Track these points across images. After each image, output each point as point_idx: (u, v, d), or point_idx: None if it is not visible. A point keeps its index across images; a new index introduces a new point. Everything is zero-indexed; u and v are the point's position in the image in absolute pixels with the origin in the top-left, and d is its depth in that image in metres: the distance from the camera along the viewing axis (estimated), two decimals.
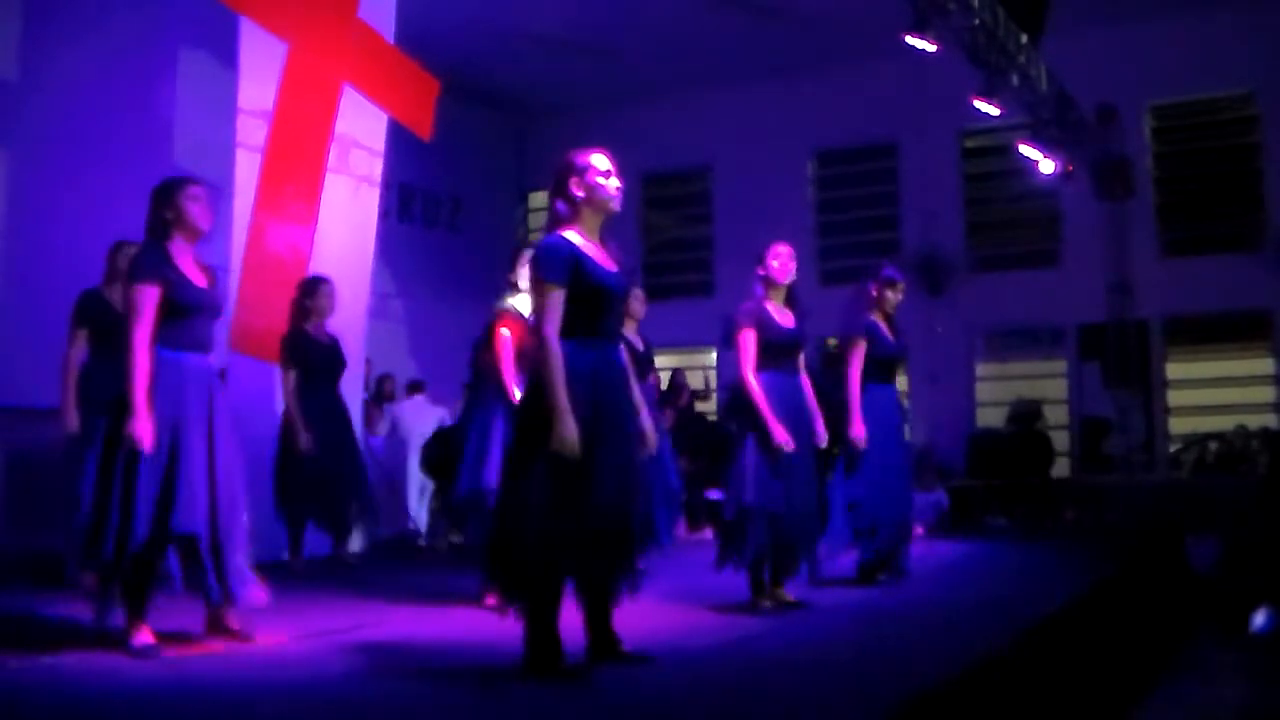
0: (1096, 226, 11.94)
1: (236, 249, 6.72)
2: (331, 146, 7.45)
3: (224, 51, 7.26)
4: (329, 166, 7.47)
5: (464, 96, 12.84)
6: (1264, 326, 12.00)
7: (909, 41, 8.67)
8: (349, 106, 7.48)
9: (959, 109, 10.18)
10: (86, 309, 5.22)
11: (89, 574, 4.89)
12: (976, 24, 8.95)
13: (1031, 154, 11.09)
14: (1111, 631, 5.24)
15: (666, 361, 12.08)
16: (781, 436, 4.53)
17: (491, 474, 4.54)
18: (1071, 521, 10.98)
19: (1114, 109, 11.90)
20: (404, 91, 8.04)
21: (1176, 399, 12.31)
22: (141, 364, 3.57)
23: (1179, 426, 12.28)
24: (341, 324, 7.26)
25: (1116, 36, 11.72)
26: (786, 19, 11.78)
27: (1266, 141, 11.93)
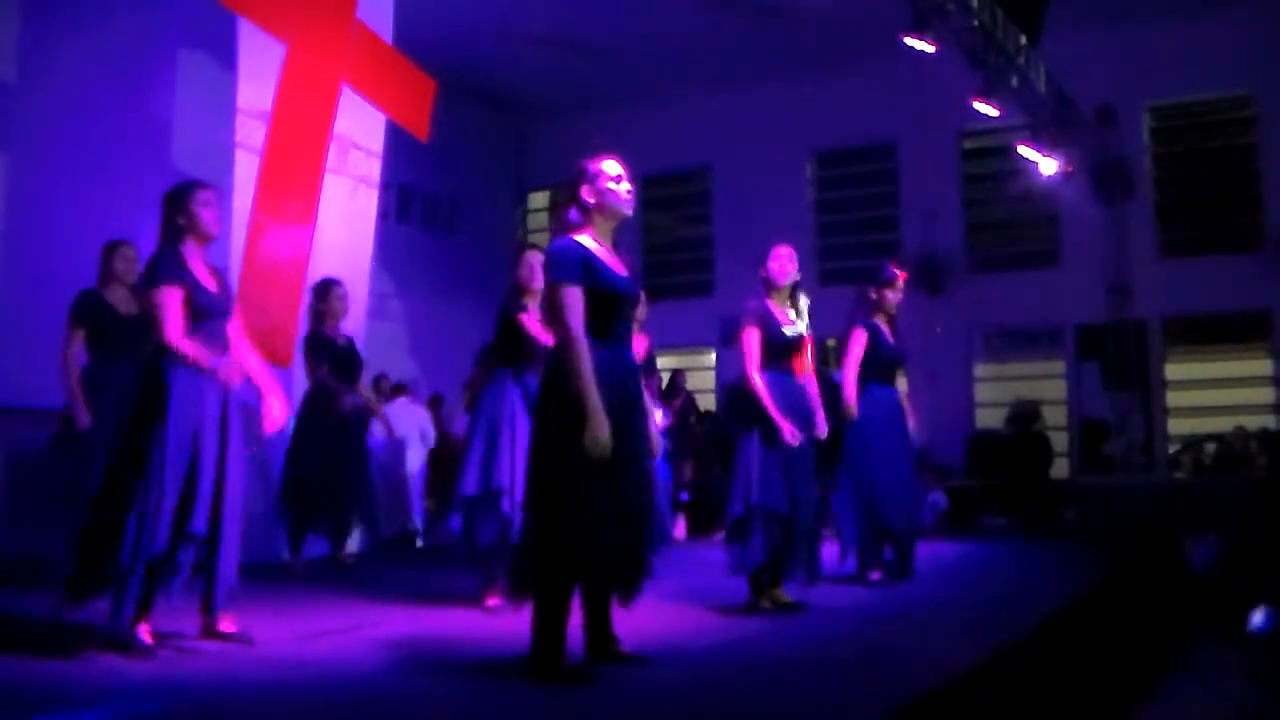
0: (1095, 227, 11.94)
1: (235, 250, 6.72)
2: (330, 147, 7.45)
3: (223, 52, 7.26)
4: (328, 167, 7.47)
5: (463, 97, 12.85)
6: (1263, 327, 12.00)
7: (908, 42, 8.68)
8: (348, 107, 7.49)
9: (958, 110, 10.19)
10: (84, 309, 5.22)
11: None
12: (975, 25, 8.96)
13: (1031, 155, 11.09)
14: (1111, 632, 5.24)
15: (666, 362, 12.09)
16: (788, 431, 4.54)
17: (503, 475, 4.55)
18: (1070, 522, 10.98)
19: (1113, 110, 11.90)
20: (402, 92, 8.05)
21: (1175, 400, 12.32)
22: (197, 353, 3.62)
23: (1178, 427, 12.29)
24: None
25: (1115, 37, 11.73)
26: (786, 19, 11.78)
27: (1265, 142, 11.94)
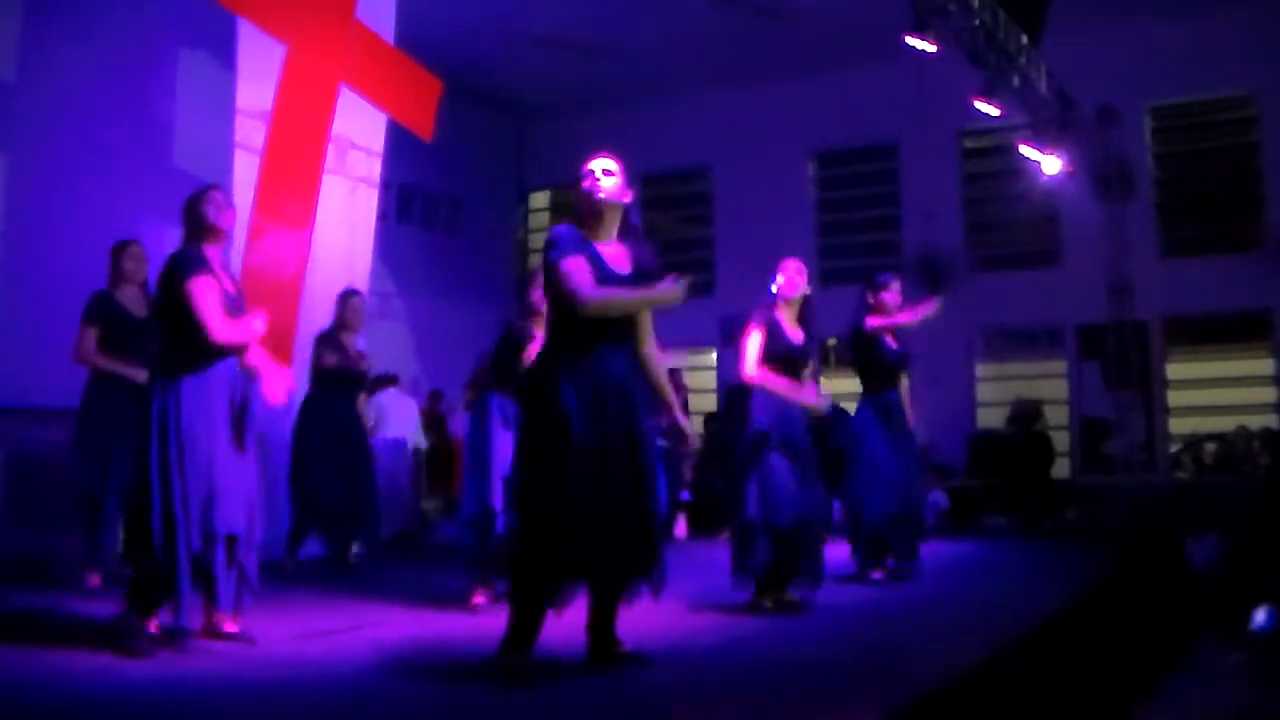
0: (1096, 227, 11.93)
1: (235, 250, 6.73)
2: (330, 148, 7.46)
3: (223, 53, 7.26)
4: (328, 167, 7.47)
5: (464, 97, 12.84)
6: (1264, 327, 11.99)
7: (909, 42, 8.67)
8: (348, 108, 7.49)
9: (959, 109, 10.18)
10: (97, 309, 5.24)
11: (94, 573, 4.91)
12: (976, 24, 8.95)
13: (1032, 154, 11.09)
14: (1111, 632, 5.24)
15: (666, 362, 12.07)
16: (810, 396, 4.64)
17: (496, 496, 4.56)
18: (1071, 522, 10.98)
19: (1114, 109, 11.89)
20: (405, 92, 8.04)
21: (1176, 399, 12.31)
22: (248, 331, 3.78)
23: (1179, 427, 12.28)
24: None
25: (1116, 37, 11.72)
26: (786, 19, 11.78)
27: (1266, 142, 11.93)
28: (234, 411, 3.76)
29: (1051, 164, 11.14)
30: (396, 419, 8.89)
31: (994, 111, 9.89)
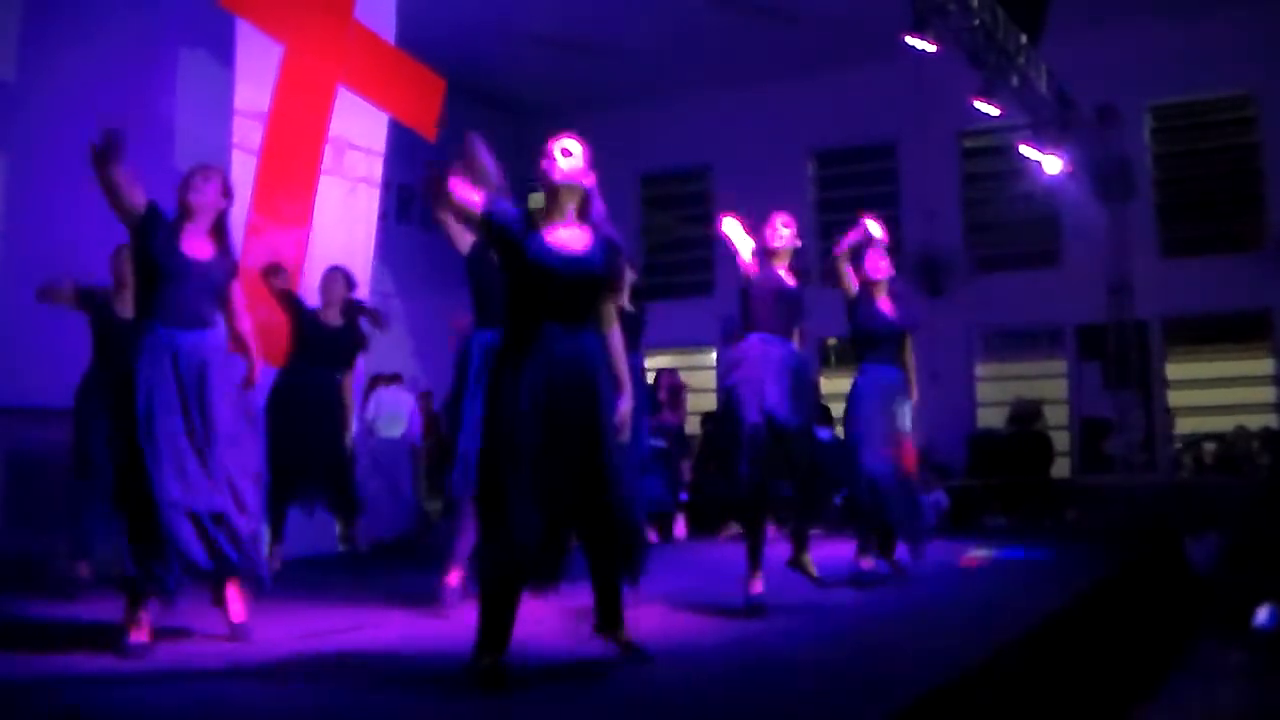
0: (1096, 227, 11.93)
1: (233, 249, 6.72)
2: (329, 148, 7.45)
3: (223, 53, 7.26)
4: (327, 168, 7.48)
5: (464, 96, 12.81)
6: (1264, 327, 11.99)
7: (909, 42, 8.67)
8: (348, 108, 7.48)
9: (959, 109, 10.18)
10: (94, 306, 5.24)
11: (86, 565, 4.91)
12: (976, 24, 8.95)
13: (1032, 154, 11.09)
14: (1112, 632, 5.24)
15: (666, 362, 12.08)
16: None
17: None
18: (1071, 522, 10.97)
19: (1114, 109, 11.89)
20: (406, 91, 8.03)
21: (1176, 399, 12.31)
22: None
23: (1179, 427, 12.28)
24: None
25: (1116, 37, 11.71)
26: (786, 19, 11.77)
27: (1266, 142, 11.93)
28: (184, 385, 3.72)
29: (1051, 164, 11.14)
30: (399, 416, 8.89)
31: (994, 111, 9.89)
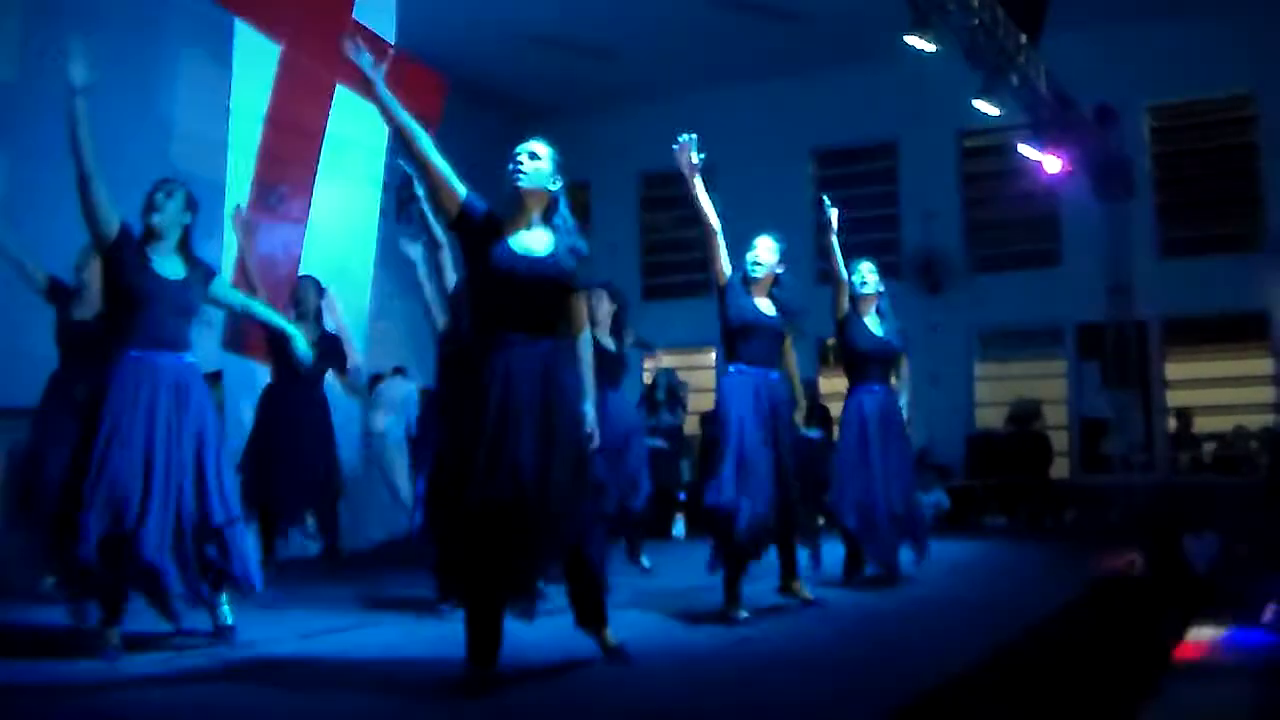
0: (1096, 227, 11.92)
1: (228, 249, 6.74)
2: (331, 148, 7.46)
3: (223, 52, 7.26)
4: (329, 168, 7.48)
5: (464, 96, 12.82)
6: (1263, 326, 11.98)
7: (908, 41, 8.67)
8: (349, 108, 7.48)
9: (958, 109, 10.17)
10: (58, 301, 5.27)
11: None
12: (976, 24, 8.94)
13: (1032, 154, 11.09)
14: (1111, 632, 5.24)
15: (666, 362, 12.09)
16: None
17: None
18: (1071, 522, 10.98)
19: (1113, 109, 11.88)
20: (406, 91, 8.02)
21: (1176, 399, 12.30)
22: None
23: (1179, 426, 12.28)
24: (344, 325, 7.28)
25: (1116, 37, 11.70)
26: (786, 19, 11.77)
27: (1265, 142, 11.91)
28: (157, 410, 3.71)
29: (1051, 164, 11.14)
30: (393, 392, 8.90)
31: (993, 111, 9.89)
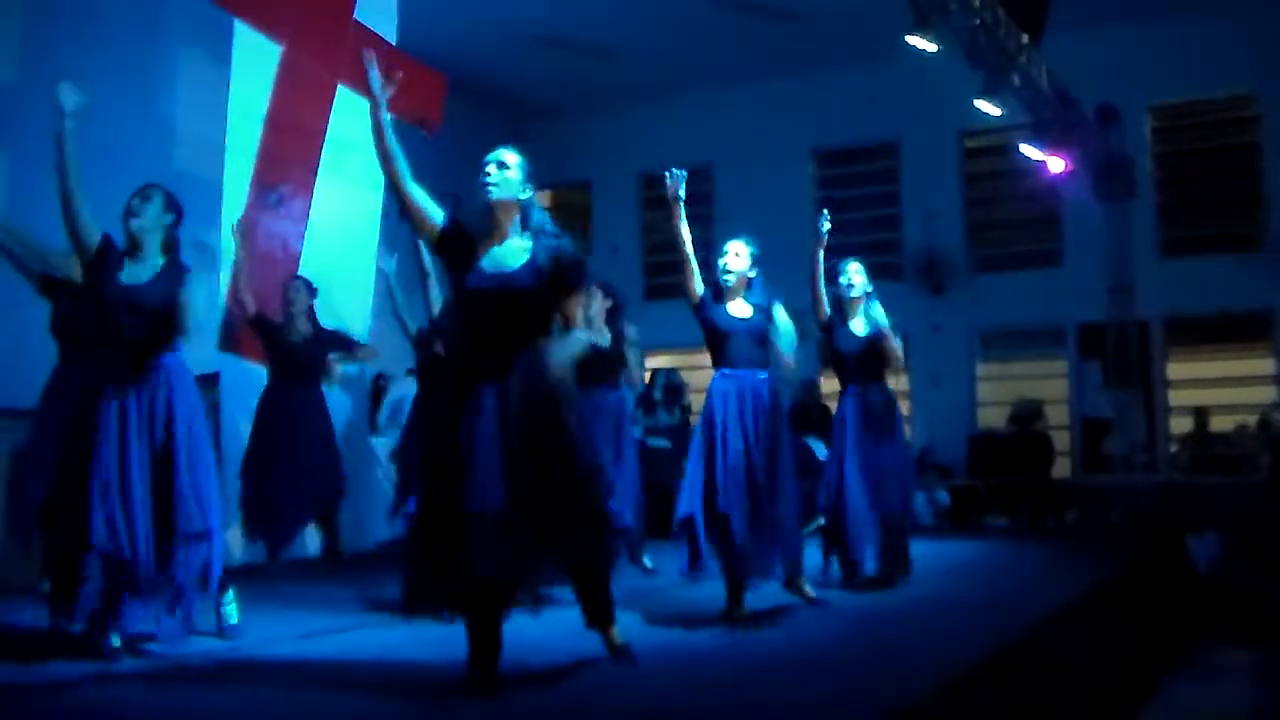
0: (1097, 226, 11.92)
1: (227, 250, 6.73)
2: (332, 149, 7.45)
3: (223, 52, 7.25)
4: (330, 169, 7.48)
5: (464, 96, 12.82)
6: (1264, 326, 11.98)
7: (909, 41, 8.66)
8: (350, 108, 7.46)
9: (960, 109, 10.16)
10: (55, 296, 5.26)
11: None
12: (977, 24, 8.93)
13: (1033, 154, 11.09)
14: (1113, 632, 5.23)
15: (667, 362, 12.08)
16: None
17: None
18: (1072, 521, 10.98)
19: (1115, 109, 11.87)
20: (407, 91, 8.00)
21: (1177, 399, 12.30)
22: None
23: (1180, 426, 12.27)
24: (345, 325, 7.26)
25: (1117, 37, 11.70)
26: (786, 19, 11.76)
27: (1267, 141, 11.90)
28: (131, 415, 3.72)
29: (1052, 164, 11.13)
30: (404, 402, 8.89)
31: (995, 111, 9.88)
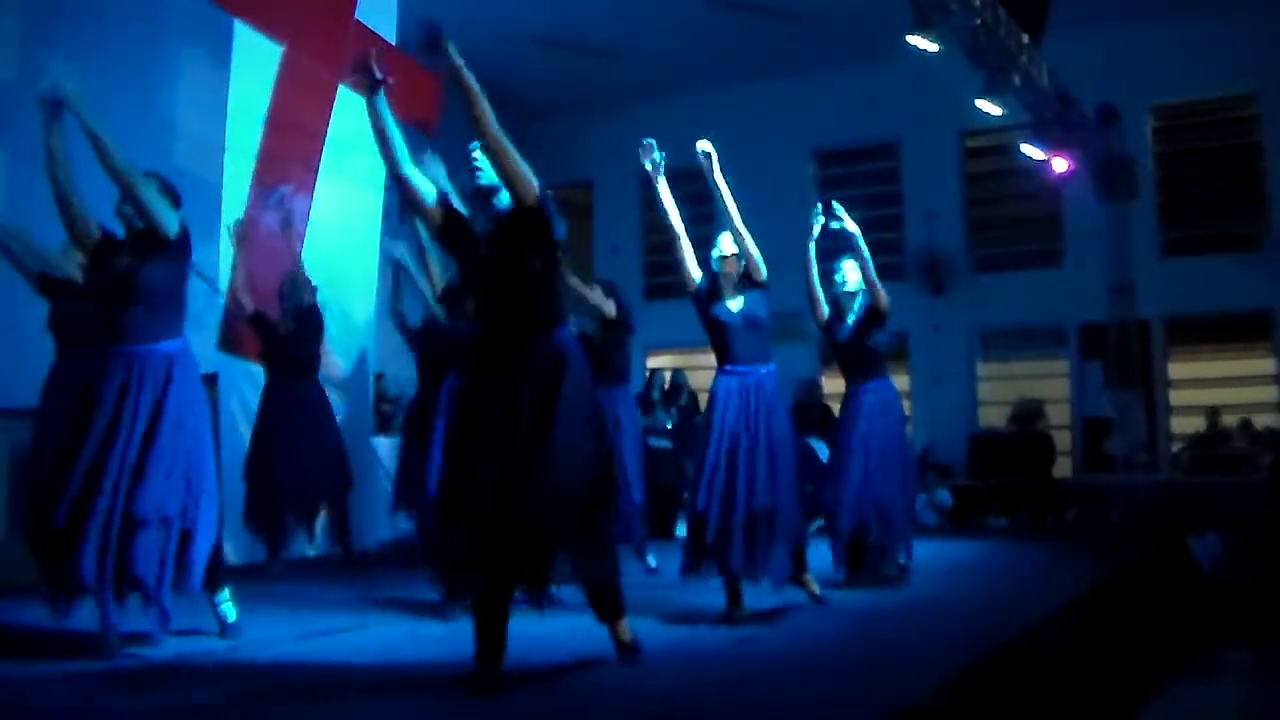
0: (1098, 226, 11.91)
1: (225, 250, 6.73)
2: (333, 149, 7.45)
3: (224, 52, 7.25)
4: (330, 169, 7.48)
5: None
6: (1265, 326, 11.98)
7: (910, 41, 8.66)
8: (350, 108, 7.47)
9: (960, 109, 10.16)
10: (53, 295, 5.27)
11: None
12: (978, 24, 8.93)
13: (1034, 154, 11.08)
14: (1114, 631, 5.23)
15: (667, 361, 12.08)
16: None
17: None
18: (1073, 521, 10.97)
19: (1115, 109, 11.87)
20: (407, 91, 8.02)
21: (1178, 398, 12.30)
22: None
23: (1181, 426, 12.27)
24: (348, 325, 7.26)
25: (1117, 36, 11.69)
26: (786, 19, 11.76)
27: (1268, 141, 11.90)
28: (124, 401, 3.74)
29: (1053, 163, 11.13)
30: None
31: (995, 111, 9.88)
